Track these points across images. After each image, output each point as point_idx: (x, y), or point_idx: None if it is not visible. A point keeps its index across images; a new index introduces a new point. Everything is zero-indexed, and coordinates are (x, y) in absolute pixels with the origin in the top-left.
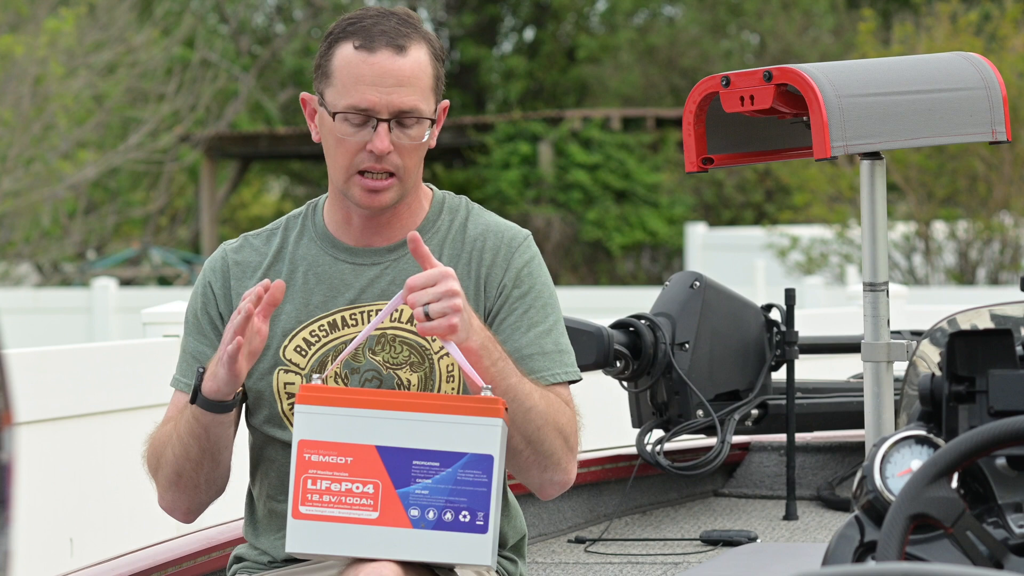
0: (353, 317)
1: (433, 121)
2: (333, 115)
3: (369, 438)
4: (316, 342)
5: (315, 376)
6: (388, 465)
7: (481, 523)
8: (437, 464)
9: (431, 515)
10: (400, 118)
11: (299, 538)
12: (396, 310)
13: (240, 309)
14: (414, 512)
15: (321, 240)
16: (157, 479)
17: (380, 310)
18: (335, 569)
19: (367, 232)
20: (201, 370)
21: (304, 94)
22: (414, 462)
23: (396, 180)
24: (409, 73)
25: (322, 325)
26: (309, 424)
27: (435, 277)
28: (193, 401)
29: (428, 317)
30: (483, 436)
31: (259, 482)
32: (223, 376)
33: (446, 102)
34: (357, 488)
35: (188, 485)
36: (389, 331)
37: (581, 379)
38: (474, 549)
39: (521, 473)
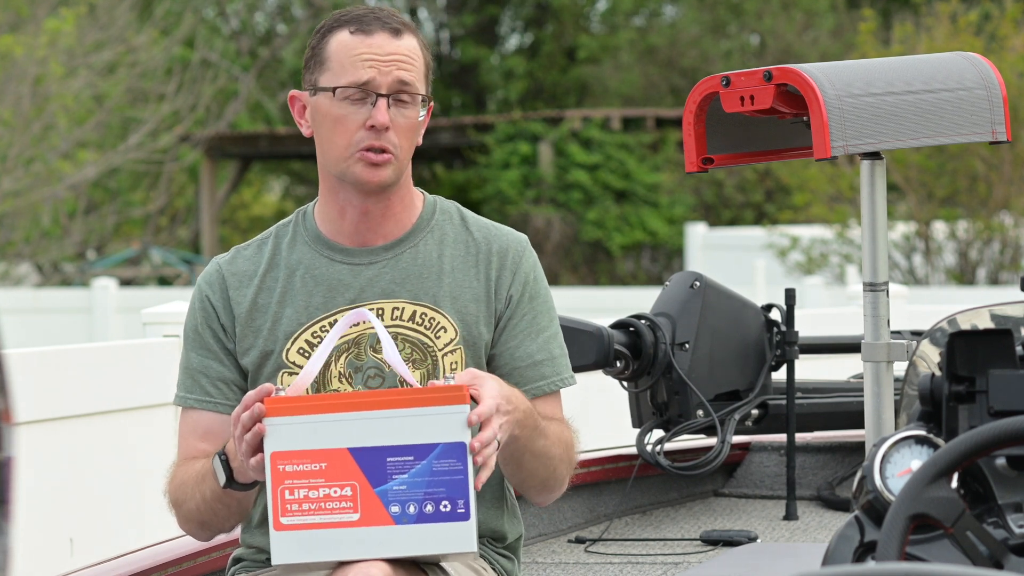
0: None
1: (425, 101)
2: (333, 90)
3: (340, 441)
4: (319, 343)
5: (277, 388)
6: (363, 465)
7: (463, 510)
8: (411, 458)
9: (412, 509)
10: (398, 94)
11: (284, 550)
12: (398, 308)
13: (244, 414)
14: (395, 508)
15: (315, 243)
16: (179, 514)
17: (382, 308)
18: (328, 568)
19: (362, 228)
20: (224, 457)
21: (293, 92)
22: (388, 459)
23: (392, 158)
24: (406, 52)
25: (324, 326)
26: (278, 436)
27: (487, 415)
28: (227, 487)
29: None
30: (452, 424)
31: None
32: (252, 474)
33: (431, 104)
34: (335, 492)
35: (213, 529)
36: (391, 329)
37: (576, 382)
38: (459, 537)
39: (526, 491)
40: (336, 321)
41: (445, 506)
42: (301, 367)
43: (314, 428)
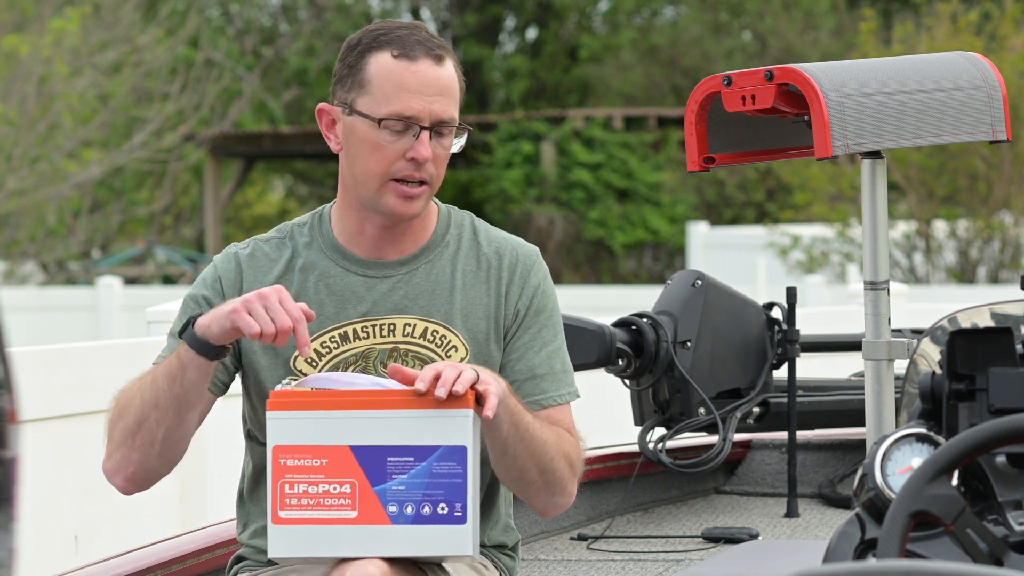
0: (365, 329)
1: (461, 130)
2: (379, 121)
3: (342, 438)
4: (327, 353)
5: (284, 382)
6: (363, 464)
7: (459, 514)
8: (411, 459)
9: (409, 510)
10: (439, 127)
11: (281, 543)
12: (410, 325)
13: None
14: (392, 508)
15: (331, 251)
16: (112, 435)
17: (393, 324)
18: (327, 566)
19: (380, 243)
20: (201, 312)
21: (322, 105)
22: (388, 459)
23: (427, 188)
24: (448, 83)
25: (333, 336)
26: (282, 429)
27: (442, 369)
28: (181, 333)
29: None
30: (455, 428)
31: (264, 489)
32: (224, 324)
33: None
34: (334, 489)
35: (144, 442)
36: (402, 346)
37: (579, 396)
38: (455, 540)
39: (529, 498)
40: (346, 333)
41: (443, 508)
42: (307, 375)
43: (317, 424)
